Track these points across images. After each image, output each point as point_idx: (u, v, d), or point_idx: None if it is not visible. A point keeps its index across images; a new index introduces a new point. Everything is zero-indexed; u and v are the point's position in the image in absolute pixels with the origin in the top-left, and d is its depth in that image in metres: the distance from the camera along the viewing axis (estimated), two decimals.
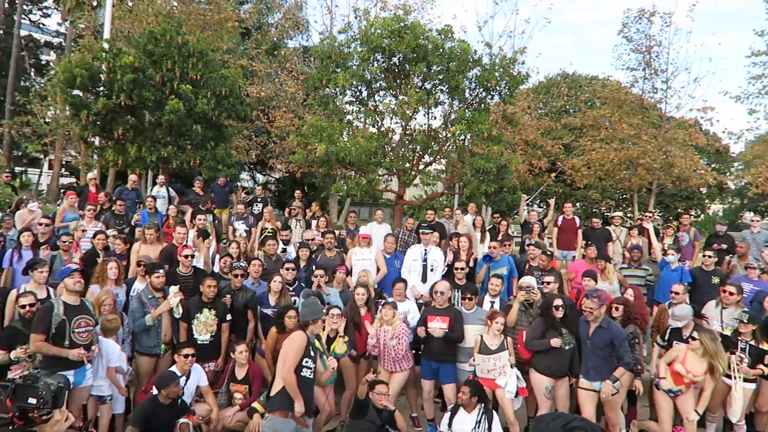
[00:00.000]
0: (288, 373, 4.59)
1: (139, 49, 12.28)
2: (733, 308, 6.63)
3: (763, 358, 5.94)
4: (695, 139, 18.22)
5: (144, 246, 7.61)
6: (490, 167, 11.01)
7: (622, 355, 5.56)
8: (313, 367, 4.78)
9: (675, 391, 5.72)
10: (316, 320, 4.77)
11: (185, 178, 16.28)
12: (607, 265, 7.79)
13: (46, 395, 2.17)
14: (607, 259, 7.93)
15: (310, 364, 4.73)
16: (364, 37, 11.34)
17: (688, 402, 5.71)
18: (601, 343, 5.69)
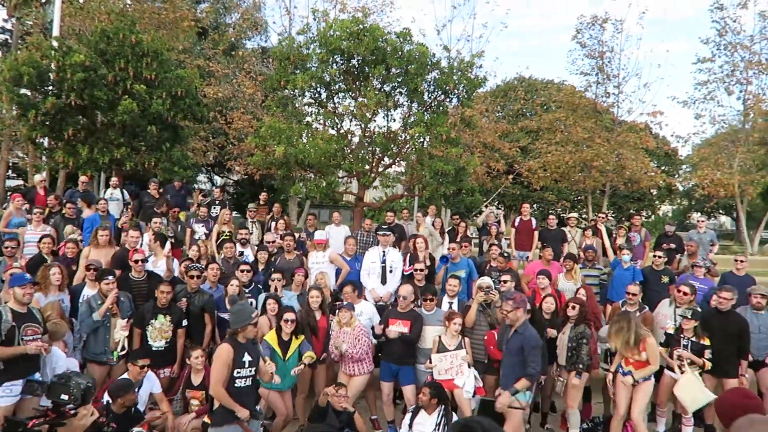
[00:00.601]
0: (214, 388, 4.56)
1: (90, 47, 11.90)
2: (686, 307, 6.87)
3: (704, 353, 6.17)
4: (645, 142, 18.89)
5: (94, 250, 7.35)
6: (448, 169, 11.12)
7: (529, 365, 5.29)
8: (249, 375, 4.66)
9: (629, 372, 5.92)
10: (245, 327, 4.65)
11: (140, 180, 15.88)
12: (575, 265, 8.00)
13: (76, 393, 2.46)
14: (575, 260, 8.13)
15: (245, 373, 4.62)
16: (322, 38, 11.30)
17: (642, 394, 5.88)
18: (513, 348, 5.47)
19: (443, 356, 6.02)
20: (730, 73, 18.61)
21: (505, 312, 5.59)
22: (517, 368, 5.34)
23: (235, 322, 4.64)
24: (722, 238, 22.97)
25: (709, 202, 23.45)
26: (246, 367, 4.61)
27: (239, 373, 4.58)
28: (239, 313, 4.69)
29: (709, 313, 6.63)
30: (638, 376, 5.87)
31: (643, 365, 5.87)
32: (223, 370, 4.51)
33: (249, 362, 4.63)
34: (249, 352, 4.66)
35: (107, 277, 6.05)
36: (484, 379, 6.36)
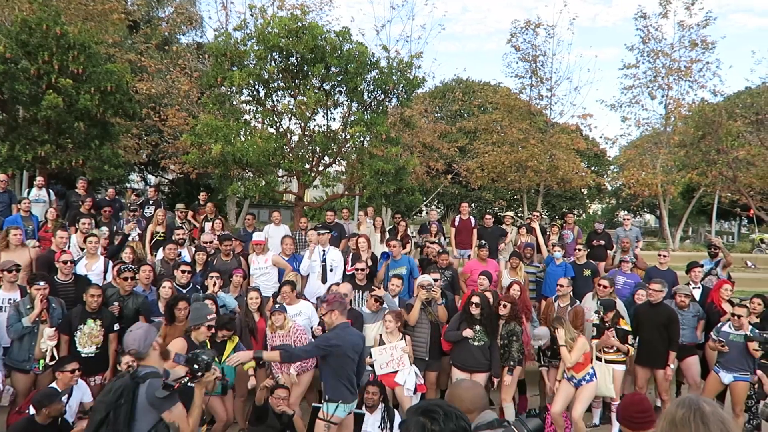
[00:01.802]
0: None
1: (10, 38, 11.18)
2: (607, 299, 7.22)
3: (627, 338, 6.52)
4: (576, 143, 19.66)
5: (4, 253, 6.87)
6: (388, 169, 11.19)
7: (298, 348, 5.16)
8: None
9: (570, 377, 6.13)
10: (198, 326, 4.61)
11: (66, 179, 15.11)
12: (520, 263, 8.31)
13: (202, 364, 3.47)
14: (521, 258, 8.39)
15: None
16: (260, 35, 11.11)
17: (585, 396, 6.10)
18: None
19: (382, 349, 6.07)
20: (653, 78, 19.60)
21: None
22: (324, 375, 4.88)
23: (193, 319, 4.79)
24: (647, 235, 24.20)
25: (635, 201, 24.60)
26: None
27: None
28: (196, 311, 4.75)
29: (640, 305, 7.00)
30: (579, 377, 6.11)
31: (581, 367, 6.10)
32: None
33: None
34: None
35: (38, 282, 5.71)
36: (426, 376, 6.45)
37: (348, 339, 4.69)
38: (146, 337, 3.45)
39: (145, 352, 3.43)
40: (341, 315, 4.80)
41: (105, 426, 3.14)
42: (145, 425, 3.22)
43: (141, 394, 3.22)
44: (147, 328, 3.55)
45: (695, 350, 7.12)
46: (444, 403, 1.86)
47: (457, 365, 6.34)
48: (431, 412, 1.71)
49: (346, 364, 4.67)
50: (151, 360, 3.48)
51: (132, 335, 3.45)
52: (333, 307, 4.77)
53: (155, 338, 3.55)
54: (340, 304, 4.83)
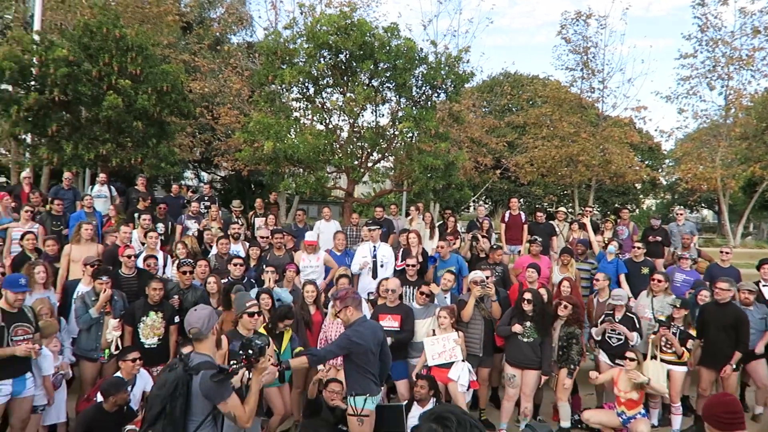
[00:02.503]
0: None
1: (73, 42, 11.69)
2: (662, 296, 7.02)
3: (687, 341, 6.33)
4: (630, 137, 19.08)
5: (76, 246, 7.24)
6: (437, 164, 11.13)
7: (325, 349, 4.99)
8: None
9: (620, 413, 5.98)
10: (240, 315, 4.72)
11: (125, 176, 15.69)
12: (571, 259, 8.13)
13: (256, 349, 3.45)
14: (572, 254, 8.20)
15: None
16: (310, 33, 11.23)
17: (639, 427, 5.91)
18: None
19: (435, 339, 6.06)
20: (711, 68, 18.80)
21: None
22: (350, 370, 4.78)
23: (237, 309, 4.86)
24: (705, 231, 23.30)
25: (691, 196, 23.69)
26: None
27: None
28: (237, 300, 4.81)
29: (705, 305, 6.76)
30: (629, 414, 5.97)
31: (633, 405, 5.95)
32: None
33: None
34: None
35: (102, 277, 5.97)
36: (479, 372, 6.41)
37: (368, 334, 4.65)
38: (210, 319, 3.49)
39: (206, 334, 3.46)
40: (356, 310, 4.75)
41: (162, 419, 3.18)
42: (200, 416, 3.27)
43: (195, 385, 3.24)
44: (210, 310, 3.58)
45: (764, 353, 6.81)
46: (458, 410, 1.83)
47: (509, 361, 6.34)
48: (444, 419, 1.69)
49: (368, 358, 4.66)
50: (206, 345, 3.49)
51: (196, 314, 3.48)
52: (347, 303, 4.71)
53: (216, 323, 3.58)
54: (353, 299, 4.76)
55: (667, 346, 6.39)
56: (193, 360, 3.34)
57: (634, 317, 6.58)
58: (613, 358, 6.48)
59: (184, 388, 3.21)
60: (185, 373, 3.25)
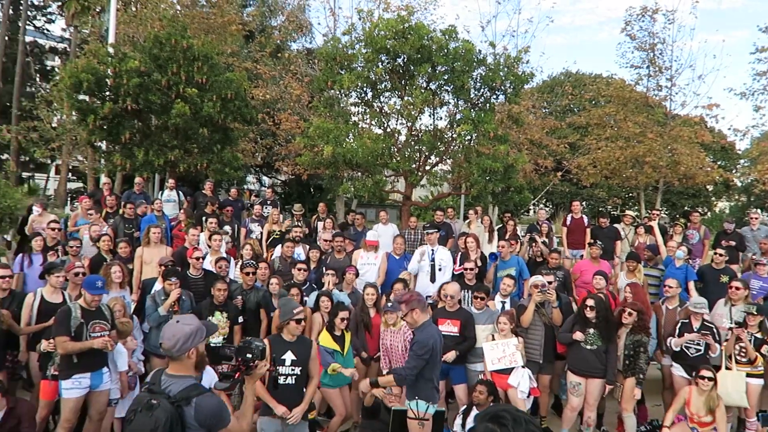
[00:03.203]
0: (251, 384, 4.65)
1: (144, 53, 12.32)
2: (741, 305, 6.65)
3: (761, 347, 6.03)
4: (701, 136, 18.18)
5: (147, 249, 7.60)
6: (496, 167, 10.99)
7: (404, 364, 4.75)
8: (291, 374, 4.63)
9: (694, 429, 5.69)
10: (287, 322, 4.64)
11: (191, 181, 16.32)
12: (638, 265, 7.80)
13: (257, 352, 3.21)
14: (638, 260, 7.90)
15: (285, 371, 4.60)
16: (368, 38, 11.35)
17: None
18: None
19: (494, 344, 5.99)
20: None
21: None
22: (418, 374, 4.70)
23: (282, 315, 4.74)
24: None
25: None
26: (287, 365, 4.60)
27: (279, 371, 4.57)
28: (284, 306, 4.77)
29: None
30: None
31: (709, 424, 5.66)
32: None
33: (292, 361, 4.61)
34: (293, 350, 4.64)
35: (171, 278, 6.24)
36: (539, 379, 6.29)
37: (436, 338, 4.63)
38: (189, 339, 2.80)
39: (179, 356, 2.79)
40: (423, 313, 4.68)
41: None
42: None
43: (189, 418, 2.68)
44: (194, 328, 2.86)
45: None
46: (512, 408, 1.82)
47: (571, 369, 6.18)
48: (500, 418, 1.67)
49: (434, 363, 4.65)
50: (185, 365, 2.83)
51: (173, 329, 2.83)
52: (413, 305, 4.63)
53: (199, 343, 2.87)
54: (419, 301, 4.70)
55: (741, 354, 6.06)
56: (169, 386, 2.74)
57: (713, 327, 6.27)
58: (690, 369, 6.19)
59: (179, 427, 2.65)
60: (173, 405, 2.64)
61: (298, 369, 4.65)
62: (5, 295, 5.84)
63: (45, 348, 5.29)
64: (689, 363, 6.23)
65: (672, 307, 6.84)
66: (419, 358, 4.52)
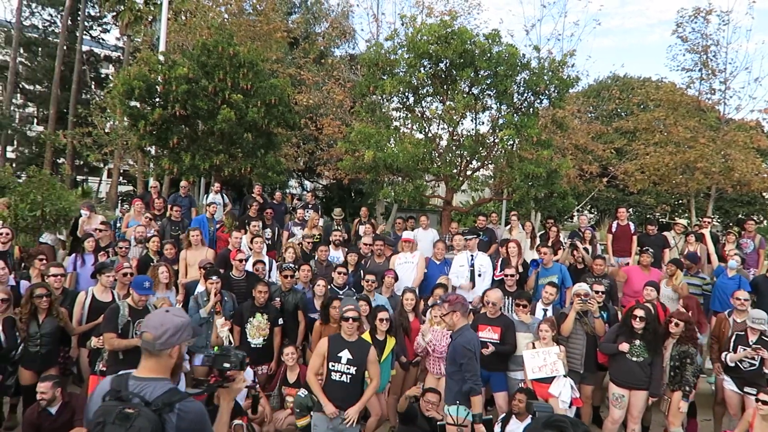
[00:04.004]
0: (307, 374, 4.88)
1: (192, 60, 12.66)
2: None
3: None
4: (757, 141, 17.41)
5: (190, 252, 7.78)
6: (539, 172, 10.80)
7: (466, 379, 4.61)
8: (347, 372, 4.73)
9: None
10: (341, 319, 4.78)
11: (235, 185, 16.66)
12: (677, 270, 7.55)
13: (235, 361, 2.83)
14: (679, 266, 7.64)
15: (341, 368, 4.71)
16: (410, 43, 11.35)
17: None
18: (449, 357, 4.91)
19: (535, 353, 5.86)
20: None
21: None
22: (454, 378, 4.73)
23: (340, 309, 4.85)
24: None
25: None
26: (343, 363, 4.71)
27: (334, 367, 4.71)
28: (343, 303, 4.92)
29: None
30: None
31: None
32: (316, 360, 4.76)
33: (348, 360, 4.71)
34: (351, 350, 4.74)
35: (212, 277, 6.38)
36: (581, 389, 6.13)
37: (477, 342, 4.70)
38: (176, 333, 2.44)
39: (160, 351, 2.42)
40: (463, 317, 4.76)
41: None
42: None
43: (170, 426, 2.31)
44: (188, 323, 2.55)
45: None
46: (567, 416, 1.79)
47: (614, 380, 5.99)
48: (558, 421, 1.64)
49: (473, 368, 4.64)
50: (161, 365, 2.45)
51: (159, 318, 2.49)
52: (455, 308, 4.71)
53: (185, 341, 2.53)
54: (462, 305, 4.77)
55: None
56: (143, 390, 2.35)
57: None
58: (742, 384, 5.93)
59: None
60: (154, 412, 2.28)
61: (353, 368, 4.74)
62: (59, 294, 6.08)
63: (94, 345, 5.50)
64: (742, 377, 5.96)
65: (741, 321, 6.53)
66: (470, 361, 4.57)
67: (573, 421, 1.69)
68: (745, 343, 6.01)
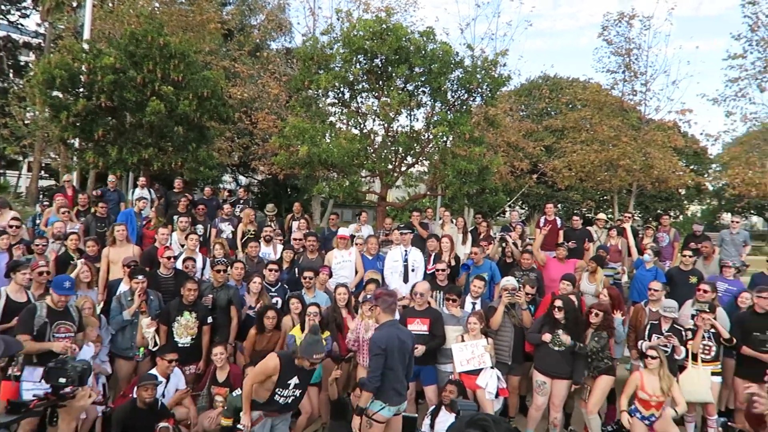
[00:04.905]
0: (245, 382, 4.67)
1: (120, 50, 12.15)
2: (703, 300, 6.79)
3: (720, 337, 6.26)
4: (674, 140, 18.53)
5: (113, 249, 7.43)
6: (471, 169, 11.07)
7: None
8: (291, 395, 4.64)
9: (648, 416, 5.72)
10: (303, 358, 4.53)
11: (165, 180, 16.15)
12: (598, 267, 7.87)
13: (73, 375, 2.50)
14: (600, 263, 7.99)
15: (287, 393, 4.60)
16: (346, 38, 11.36)
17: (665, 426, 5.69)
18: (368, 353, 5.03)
19: (463, 346, 6.01)
20: (762, 69, 18.10)
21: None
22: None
23: (302, 350, 4.51)
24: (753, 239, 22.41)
25: (739, 202, 22.88)
26: (290, 388, 4.61)
27: (281, 392, 4.58)
28: (310, 344, 4.52)
29: (743, 313, 6.56)
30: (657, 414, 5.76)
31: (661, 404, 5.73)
32: (260, 377, 4.54)
33: (295, 384, 4.61)
34: (299, 376, 4.63)
35: (137, 276, 6.17)
36: (508, 380, 6.35)
37: (394, 339, 4.62)
38: None
39: None
40: (384, 313, 4.76)
41: None
42: None
43: None
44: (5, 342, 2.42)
45: None
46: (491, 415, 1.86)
47: (538, 368, 6.24)
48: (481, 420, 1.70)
49: (393, 365, 4.64)
50: None
51: None
52: (377, 303, 4.75)
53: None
54: (384, 301, 4.75)
55: (705, 352, 6.20)
56: None
57: (681, 329, 6.39)
58: None
59: None
60: None
61: (299, 391, 4.70)
62: None
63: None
64: None
65: (655, 310, 6.93)
66: (375, 357, 4.56)
67: (496, 419, 1.75)
68: (658, 332, 6.39)
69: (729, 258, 9.31)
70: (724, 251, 9.84)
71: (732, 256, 9.58)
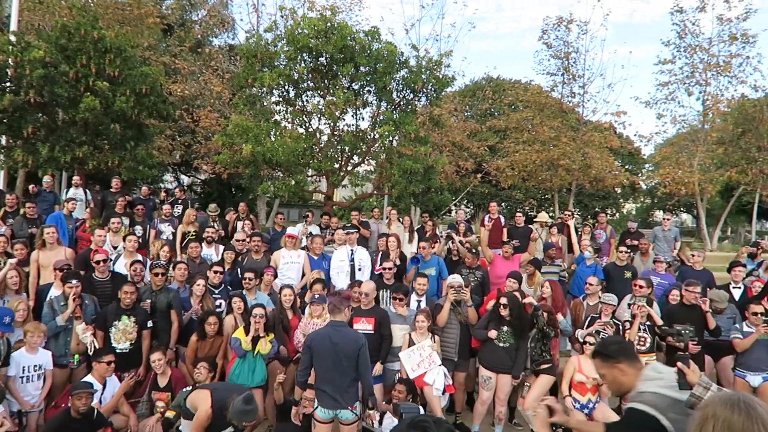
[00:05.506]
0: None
1: (50, 43, 11.54)
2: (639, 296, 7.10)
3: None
4: (610, 141, 19.25)
5: (43, 252, 7.06)
6: (417, 168, 11.15)
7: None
8: None
9: (585, 403, 5.90)
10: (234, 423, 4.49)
11: (102, 179, 15.51)
12: (536, 271, 7.98)
13: None
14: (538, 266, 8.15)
15: None
16: (290, 36, 11.22)
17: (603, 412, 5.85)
18: None
19: (410, 351, 6.03)
20: (690, 74, 19.03)
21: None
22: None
23: (234, 414, 4.45)
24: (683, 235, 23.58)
25: (670, 200, 23.97)
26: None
27: None
28: (242, 413, 4.45)
29: (672, 306, 6.88)
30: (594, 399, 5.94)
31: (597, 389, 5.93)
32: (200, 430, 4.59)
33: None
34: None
35: (71, 280, 5.88)
36: (455, 376, 6.42)
37: (325, 340, 4.63)
38: None
39: None
40: (331, 313, 4.87)
41: None
42: None
43: None
44: None
45: (732, 350, 6.90)
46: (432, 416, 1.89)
47: (483, 363, 6.36)
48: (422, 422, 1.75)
49: (322, 365, 4.68)
50: None
51: None
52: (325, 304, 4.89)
53: None
54: (330, 303, 4.86)
55: (641, 343, 6.47)
56: None
57: (618, 323, 6.65)
58: None
59: None
60: None
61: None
62: None
63: None
64: None
65: (593, 304, 7.21)
66: (302, 353, 4.72)
67: (437, 420, 1.78)
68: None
69: (661, 253, 9.77)
70: (657, 247, 10.31)
71: (664, 252, 10.07)
